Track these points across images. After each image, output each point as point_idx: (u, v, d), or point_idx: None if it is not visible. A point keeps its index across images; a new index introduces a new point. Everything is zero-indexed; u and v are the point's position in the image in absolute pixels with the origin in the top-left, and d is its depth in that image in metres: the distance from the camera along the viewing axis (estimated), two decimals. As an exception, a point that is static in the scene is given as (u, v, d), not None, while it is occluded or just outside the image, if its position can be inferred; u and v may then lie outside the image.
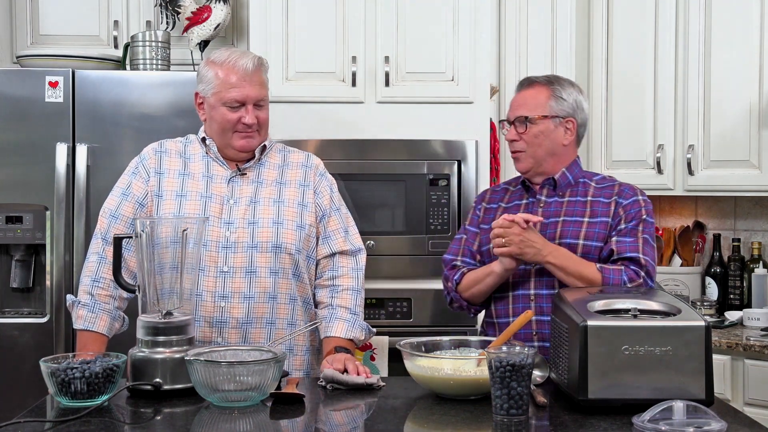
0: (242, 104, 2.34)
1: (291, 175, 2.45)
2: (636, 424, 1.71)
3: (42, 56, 3.36)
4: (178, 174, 2.41)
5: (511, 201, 2.47)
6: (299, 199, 2.42)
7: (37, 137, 3.18)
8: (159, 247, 2.11)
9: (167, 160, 2.43)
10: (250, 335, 2.34)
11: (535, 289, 2.34)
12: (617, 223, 2.34)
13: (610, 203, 2.37)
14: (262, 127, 2.39)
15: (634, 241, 2.31)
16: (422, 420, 1.91)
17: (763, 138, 3.33)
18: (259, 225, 2.36)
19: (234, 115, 2.34)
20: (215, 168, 2.41)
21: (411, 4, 3.38)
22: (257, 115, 2.36)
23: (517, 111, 2.41)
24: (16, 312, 3.24)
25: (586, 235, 2.33)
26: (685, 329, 1.86)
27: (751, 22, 3.36)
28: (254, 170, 2.43)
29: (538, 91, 2.41)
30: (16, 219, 3.18)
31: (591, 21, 3.75)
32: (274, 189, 2.41)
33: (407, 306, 3.32)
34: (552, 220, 2.37)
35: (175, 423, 1.87)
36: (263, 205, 2.38)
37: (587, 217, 2.36)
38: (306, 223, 2.41)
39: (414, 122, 3.38)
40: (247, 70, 2.33)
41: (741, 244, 3.67)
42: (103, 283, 2.34)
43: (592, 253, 2.32)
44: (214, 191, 2.38)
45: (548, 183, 2.42)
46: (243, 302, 2.33)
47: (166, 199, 2.38)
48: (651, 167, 3.61)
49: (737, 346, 3.09)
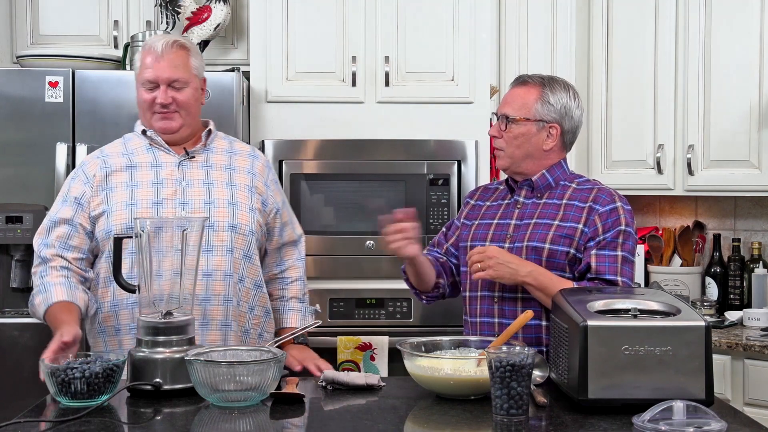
0: (156, 85, 2.39)
1: (239, 162, 2.51)
2: (636, 424, 1.71)
3: (42, 56, 3.36)
4: (125, 167, 2.43)
5: (495, 200, 2.45)
6: (249, 184, 2.48)
7: (37, 137, 3.18)
8: (159, 247, 2.11)
9: (110, 161, 2.44)
10: (209, 312, 2.37)
11: (499, 291, 2.33)
12: (594, 232, 2.26)
13: (584, 208, 2.30)
14: (181, 107, 2.41)
15: (614, 260, 2.24)
16: (422, 420, 1.91)
17: (763, 138, 3.33)
18: (215, 205, 2.41)
19: (149, 95, 2.40)
20: (162, 156, 2.45)
21: (411, 4, 3.38)
22: (173, 95, 2.40)
23: (503, 108, 2.37)
24: (16, 312, 3.23)
25: (553, 239, 2.27)
26: (685, 329, 1.86)
27: (751, 22, 3.36)
28: (202, 155, 2.48)
29: (528, 91, 2.34)
30: (16, 219, 3.18)
31: (591, 21, 3.75)
32: (224, 173, 2.47)
33: (407, 306, 3.32)
34: (525, 221, 2.34)
35: (175, 423, 1.87)
36: (217, 186, 2.44)
37: (558, 221, 2.30)
38: (255, 207, 2.47)
39: (414, 122, 3.38)
40: (158, 51, 2.39)
41: (741, 244, 3.67)
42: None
43: (558, 257, 2.27)
44: (164, 176, 2.42)
45: (527, 184, 2.38)
46: (202, 279, 2.35)
47: (117, 190, 2.39)
48: (651, 167, 3.61)
49: (737, 346, 3.09)
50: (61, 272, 2.34)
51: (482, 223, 2.41)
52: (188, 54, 2.43)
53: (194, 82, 2.43)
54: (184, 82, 2.40)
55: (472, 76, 3.36)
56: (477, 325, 2.36)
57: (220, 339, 2.37)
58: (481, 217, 2.43)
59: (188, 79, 2.41)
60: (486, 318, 2.34)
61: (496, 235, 2.36)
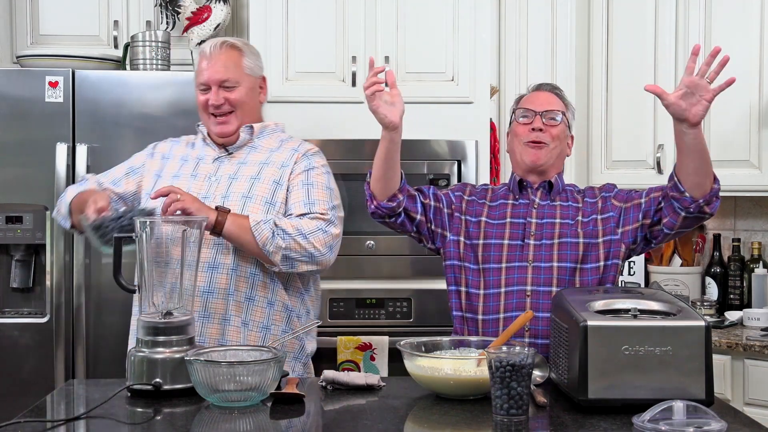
0: (209, 87, 2.46)
1: (277, 157, 2.50)
2: (636, 424, 1.71)
3: (42, 56, 3.36)
4: (181, 157, 2.53)
5: (496, 200, 2.45)
6: (276, 177, 2.46)
7: (37, 137, 3.18)
8: (159, 247, 2.11)
9: (176, 148, 2.58)
10: (210, 305, 2.36)
11: (533, 285, 2.34)
12: (625, 202, 2.38)
13: (597, 201, 2.41)
14: (235, 107, 2.46)
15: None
16: (422, 420, 1.91)
17: (763, 138, 3.33)
18: (229, 198, 2.41)
19: (203, 97, 2.48)
20: (206, 150, 2.53)
21: (411, 4, 3.38)
22: (225, 96, 2.45)
23: (547, 106, 2.44)
24: (16, 312, 3.24)
25: (584, 233, 2.36)
26: (685, 329, 1.86)
27: (751, 22, 3.36)
28: (245, 152, 2.50)
29: (557, 100, 2.47)
30: (16, 219, 3.18)
31: (591, 21, 3.75)
32: (255, 168, 2.47)
33: (407, 306, 3.32)
34: (548, 220, 2.39)
35: (175, 423, 1.87)
36: (239, 180, 2.45)
37: (581, 216, 2.39)
38: (278, 200, 2.43)
39: (414, 122, 3.36)
40: (207, 53, 2.47)
41: (741, 244, 3.67)
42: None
43: (591, 250, 2.34)
44: (200, 171, 2.48)
45: (543, 186, 2.44)
46: (207, 272, 2.36)
47: (163, 178, 2.50)
48: (651, 167, 3.61)
49: (737, 346, 3.09)
50: (95, 185, 2.53)
51: (492, 222, 2.41)
52: (240, 54, 2.48)
53: (247, 81, 2.48)
54: (235, 81, 2.46)
55: (472, 76, 3.36)
56: (500, 321, 2.32)
57: (219, 333, 2.37)
58: (488, 215, 2.42)
59: (239, 79, 2.46)
60: (516, 312, 2.30)
61: (514, 233, 2.38)
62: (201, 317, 2.35)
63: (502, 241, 2.38)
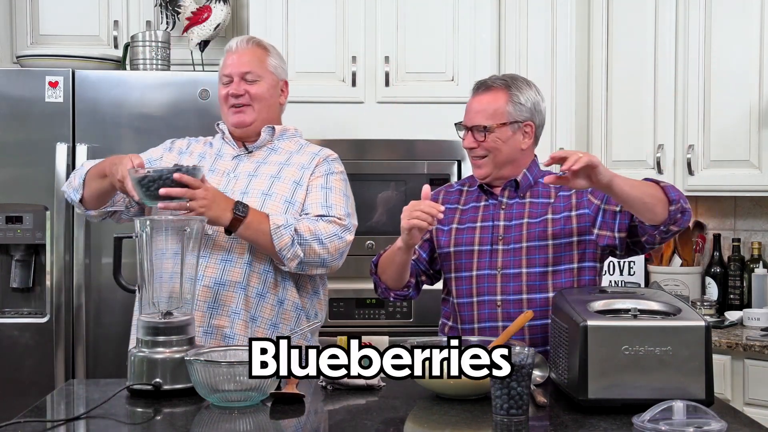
0: (232, 79, 2.46)
1: (297, 159, 2.49)
2: (636, 424, 1.71)
3: (42, 56, 3.37)
4: (199, 155, 2.52)
5: (468, 203, 2.40)
6: (296, 178, 2.44)
7: (37, 137, 3.18)
8: (159, 246, 2.11)
9: (194, 145, 2.56)
10: (221, 297, 2.35)
11: (502, 295, 2.30)
12: (603, 201, 2.26)
13: (571, 195, 2.31)
14: (254, 100, 2.46)
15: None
16: (422, 420, 1.91)
17: (763, 138, 3.33)
18: (248, 194, 2.40)
19: (225, 89, 2.47)
20: (226, 148, 2.53)
21: (411, 4, 3.38)
22: (246, 88, 2.45)
23: (475, 119, 2.32)
24: (16, 312, 3.24)
25: (554, 234, 2.28)
26: (685, 329, 1.86)
27: (751, 22, 3.35)
28: (264, 152, 2.50)
29: (496, 96, 2.31)
30: (16, 219, 3.18)
31: (591, 21, 3.75)
32: (275, 168, 2.46)
33: (407, 306, 3.32)
34: (516, 222, 2.32)
35: (175, 423, 1.87)
36: (259, 178, 2.44)
37: (550, 214, 2.30)
38: (297, 200, 2.42)
39: (414, 122, 3.38)
40: (233, 48, 2.49)
41: (741, 244, 3.67)
42: None
43: (563, 250, 2.28)
44: (218, 167, 2.48)
45: (510, 185, 2.35)
46: (220, 263, 2.36)
47: None
48: (651, 167, 3.61)
49: (737, 346, 3.09)
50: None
51: (462, 228, 2.37)
52: (265, 53, 2.50)
53: (270, 78, 2.49)
54: (258, 75, 2.46)
55: (472, 76, 3.36)
56: (475, 331, 2.31)
57: (227, 325, 2.35)
58: (458, 221, 2.38)
59: (262, 74, 2.47)
60: (488, 323, 2.30)
61: (484, 238, 2.33)
62: (210, 308, 2.35)
63: (473, 248, 2.33)
